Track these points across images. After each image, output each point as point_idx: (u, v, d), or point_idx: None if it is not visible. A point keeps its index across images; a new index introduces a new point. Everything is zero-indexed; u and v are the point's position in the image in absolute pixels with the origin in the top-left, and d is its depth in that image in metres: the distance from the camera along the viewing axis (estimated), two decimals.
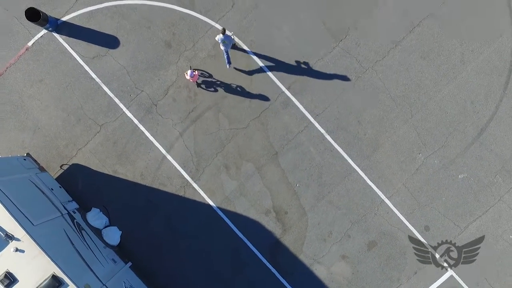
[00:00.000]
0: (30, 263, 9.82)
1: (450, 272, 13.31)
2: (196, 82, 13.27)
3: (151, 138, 13.54)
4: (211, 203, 13.55)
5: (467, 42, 13.24)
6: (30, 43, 13.57)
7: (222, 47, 12.55)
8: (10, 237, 9.82)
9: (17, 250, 9.81)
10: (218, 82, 13.38)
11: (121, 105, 13.56)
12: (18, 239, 9.87)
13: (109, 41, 13.51)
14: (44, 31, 13.51)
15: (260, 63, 13.41)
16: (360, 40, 13.29)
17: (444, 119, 13.32)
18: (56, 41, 13.56)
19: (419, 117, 13.34)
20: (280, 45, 13.36)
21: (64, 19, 13.52)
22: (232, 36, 12.31)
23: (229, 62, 13.08)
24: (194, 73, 12.72)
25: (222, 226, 13.53)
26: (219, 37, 12.06)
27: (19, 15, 13.48)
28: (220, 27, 12.83)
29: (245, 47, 13.39)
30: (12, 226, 9.94)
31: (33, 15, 12.76)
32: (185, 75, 12.93)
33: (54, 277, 9.80)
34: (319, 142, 13.42)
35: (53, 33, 13.53)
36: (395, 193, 13.45)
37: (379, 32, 13.27)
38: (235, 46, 13.28)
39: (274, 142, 13.48)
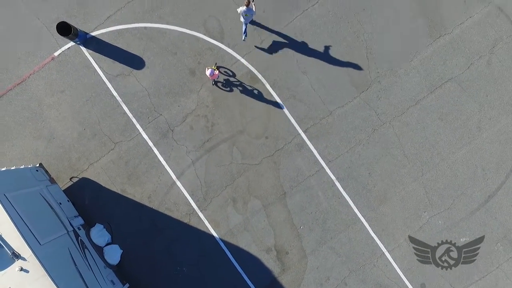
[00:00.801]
0: (33, 284, 9.88)
1: None
2: (214, 80, 13.39)
3: (163, 162, 13.64)
4: (214, 234, 13.65)
5: (486, 109, 13.43)
6: (56, 53, 13.66)
7: (242, 19, 12.47)
8: (16, 256, 9.89)
9: (21, 269, 9.88)
10: (236, 83, 13.46)
11: (138, 126, 13.66)
12: (24, 259, 9.94)
13: (135, 62, 13.62)
14: (71, 43, 13.60)
15: (281, 103, 13.55)
16: (381, 93, 13.45)
17: (454, 182, 13.48)
18: (82, 54, 13.67)
19: (429, 176, 13.50)
20: (303, 88, 13.50)
21: (93, 34, 13.63)
22: (253, 4, 12.12)
23: (245, 35, 13.06)
24: (214, 72, 12.81)
25: (222, 257, 13.62)
26: (242, 9, 12.00)
27: (49, 24, 13.59)
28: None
29: (268, 86, 13.53)
30: (19, 244, 10.02)
31: (64, 28, 12.86)
32: (206, 70, 13.01)
33: None
34: (328, 188, 13.56)
35: (81, 46, 13.63)
36: (396, 248, 13.59)
37: (401, 88, 13.44)
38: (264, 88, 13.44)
39: (284, 182, 13.60)
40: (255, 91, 13.56)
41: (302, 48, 13.50)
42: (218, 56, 13.53)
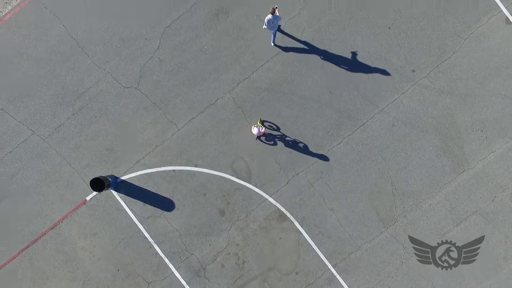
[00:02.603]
0: None
1: None
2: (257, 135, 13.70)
3: None
4: None
5: (511, 240, 13.70)
6: (88, 197, 14.00)
7: (269, 29, 12.51)
8: None
9: None
10: (279, 137, 13.75)
11: (171, 266, 13.97)
12: None
13: (165, 203, 13.94)
14: None
15: (309, 239, 13.84)
16: (407, 228, 13.73)
17: None
18: (113, 198, 14.00)
19: None
20: (331, 224, 13.79)
21: (123, 178, 13.95)
22: (277, 11, 12.13)
23: (274, 41, 13.27)
24: (261, 129, 13.12)
25: None
26: (268, 17, 12.02)
27: (80, 169, 13.93)
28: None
29: (296, 224, 13.84)
30: None
31: (97, 182, 13.17)
32: (252, 129, 13.31)
33: None
34: None
35: (111, 190, 13.97)
36: None
37: (426, 222, 13.71)
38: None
39: None
40: (284, 229, 13.87)
41: (328, 186, 13.80)
42: (246, 196, 13.85)
